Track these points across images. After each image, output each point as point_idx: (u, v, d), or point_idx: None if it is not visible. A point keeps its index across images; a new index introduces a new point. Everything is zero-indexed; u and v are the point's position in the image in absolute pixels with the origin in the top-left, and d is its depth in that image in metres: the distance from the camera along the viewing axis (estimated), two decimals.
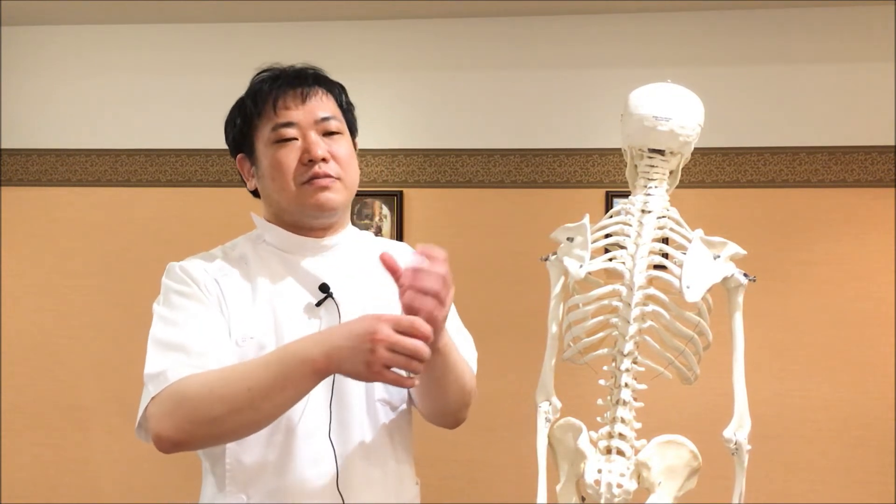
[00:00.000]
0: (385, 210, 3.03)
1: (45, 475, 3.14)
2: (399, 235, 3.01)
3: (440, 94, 3.04)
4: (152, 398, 1.14)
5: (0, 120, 3.21)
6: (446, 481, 2.99)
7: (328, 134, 1.31)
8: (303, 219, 1.32)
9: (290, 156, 1.28)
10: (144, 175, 3.16)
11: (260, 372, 1.10)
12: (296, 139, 1.28)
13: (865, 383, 2.83)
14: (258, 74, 1.36)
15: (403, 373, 1.08)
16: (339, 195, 1.31)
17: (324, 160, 1.28)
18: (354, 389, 1.27)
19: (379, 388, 1.30)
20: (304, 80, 1.34)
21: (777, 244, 2.87)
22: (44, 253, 3.18)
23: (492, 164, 3.02)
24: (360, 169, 3.45)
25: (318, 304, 1.28)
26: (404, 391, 1.34)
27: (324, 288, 1.28)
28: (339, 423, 1.25)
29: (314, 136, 1.29)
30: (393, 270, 1.12)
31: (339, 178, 1.30)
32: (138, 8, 2.96)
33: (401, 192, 3.03)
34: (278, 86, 1.31)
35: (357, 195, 3.31)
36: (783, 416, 2.85)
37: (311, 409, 1.23)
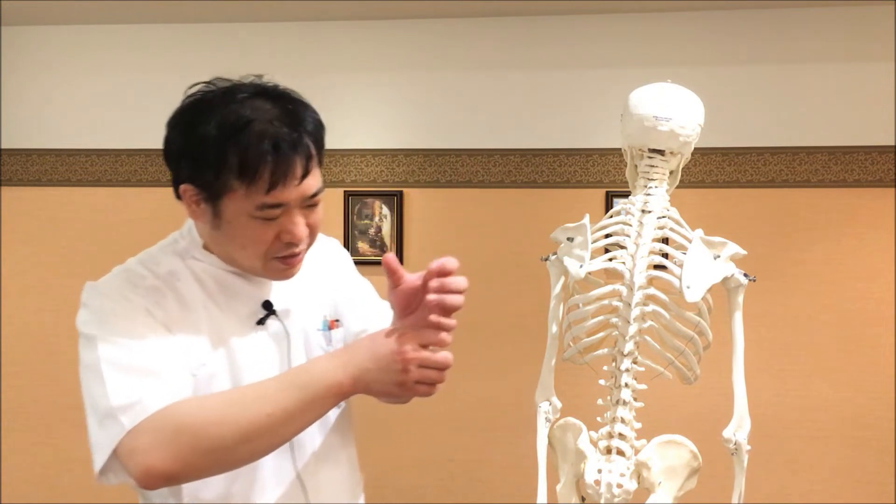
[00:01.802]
0: (385, 210, 3.03)
1: (45, 475, 3.14)
2: (399, 235, 3.01)
3: (440, 94, 3.05)
4: (128, 432, 1.02)
5: (0, 120, 3.21)
6: (446, 481, 2.99)
7: (309, 206, 1.16)
8: (255, 277, 1.22)
9: (270, 233, 1.13)
10: (144, 175, 3.16)
11: (278, 396, 1.04)
12: (278, 217, 1.12)
13: (865, 383, 2.83)
14: (243, 110, 1.10)
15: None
16: (298, 268, 1.20)
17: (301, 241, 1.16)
18: None
19: None
20: (306, 148, 1.12)
21: (777, 244, 2.87)
22: (44, 253, 3.18)
23: (492, 164, 3.02)
24: (360, 169, 3.47)
25: (261, 322, 1.21)
26: None
27: (266, 305, 1.22)
28: (298, 439, 1.19)
29: (297, 216, 1.14)
30: (393, 272, 1.09)
31: (307, 247, 1.19)
32: (138, 8, 2.96)
33: (401, 192, 3.03)
34: (280, 159, 1.08)
35: (357, 195, 3.33)
36: (783, 416, 2.85)
37: None
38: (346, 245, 3.02)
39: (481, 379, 2.97)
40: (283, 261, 1.17)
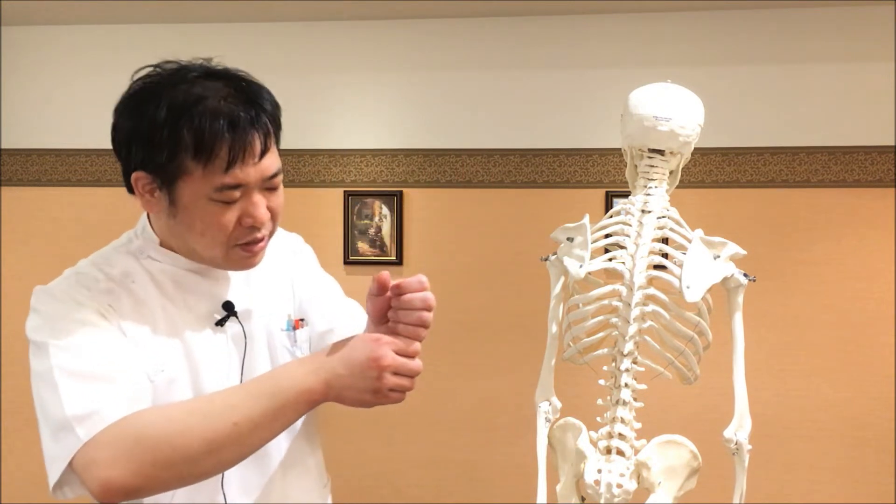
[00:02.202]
0: (385, 210, 3.03)
1: (45, 475, 3.14)
2: (399, 235, 3.01)
3: (440, 94, 3.05)
4: (85, 444, 0.97)
5: (0, 120, 3.21)
6: (446, 481, 2.99)
7: (269, 189, 1.12)
8: (217, 268, 1.17)
9: (230, 216, 1.08)
10: None
11: (246, 404, 0.98)
12: (237, 200, 1.08)
13: (865, 383, 2.84)
14: (195, 92, 1.07)
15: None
16: (261, 256, 1.16)
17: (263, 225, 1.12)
18: None
19: None
20: (262, 125, 1.08)
21: (777, 244, 2.87)
22: (44, 253, 3.18)
23: (492, 164, 3.02)
24: (360, 169, 3.47)
25: (220, 323, 1.17)
26: None
27: (227, 306, 1.18)
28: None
29: (258, 198, 1.09)
30: (383, 286, 1.06)
31: (268, 234, 1.15)
32: (138, 8, 2.96)
33: (401, 192, 3.03)
34: (238, 136, 1.04)
35: (357, 195, 3.33)
36: (783, 416, 2.85)
37: None
38: (346, 245, 3.02)
39: (481, 379, 2.97)
40: (245, 248, 1.12)
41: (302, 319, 1.29)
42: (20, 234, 3.20)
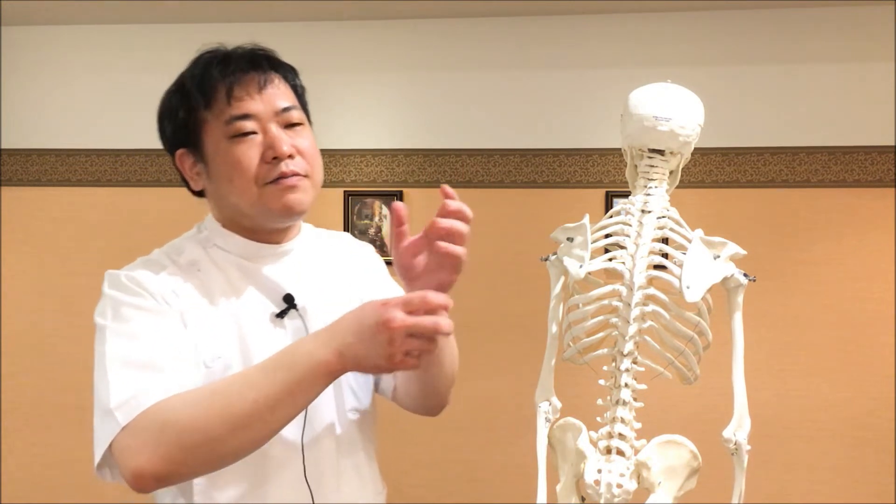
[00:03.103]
0: (385, 210, 3.03)
1: (45, 475, 3.14)
2: None
3: (440, 94, 3.05)
4: (123, 428, 0.99)
5: (0, 120, 3.21)
6: (446, 481, 2.99)
7: (289, 126, 1.16)
8: (266, 223, 1.19)
9: (251, 153, 1.12)
10: (144, 175, 3.16)
11: (264, 381, 0.98)
12: (255, 133, 1.13)
13: (865, 383, 2.83)
14: (199, 57, 1.18)
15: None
16: (307, 195, 1.17)
17: (290, 157, 1.14)
18: (325, 409, 1.20)
19: (350, 398, 1.24)
20: (259, 64, 1.16)
21: (777, 244, 2.87)
22: (44, 253, 3.18)
23: (492, 164, 3.02)
24: (360, 169, 3.46)
25: (280, 315, 1.18)
26: (370, 391, 1.31)
27: (288, 299, 1.19)
28: (311, 447, 1.18)
29: (276, 130, 1.14)
30: (399, 218, 1.06)
31: (306, 176, 1.16)
32: (138, 8, 2.96)
33: (401, 192, 3.03)
34: (231, 71, 1.13)
35: (357, 195, 3.33)
36: (783, 416, 2.85)
37: (282, 437, 1.12)
38: None
39: (481, 379, 2.97)
40: (277, 183, 1.13)
41: None
42: (20, 234, 3.20)
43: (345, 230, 3.03)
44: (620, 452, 1.30)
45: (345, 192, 3.03)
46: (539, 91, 3.00)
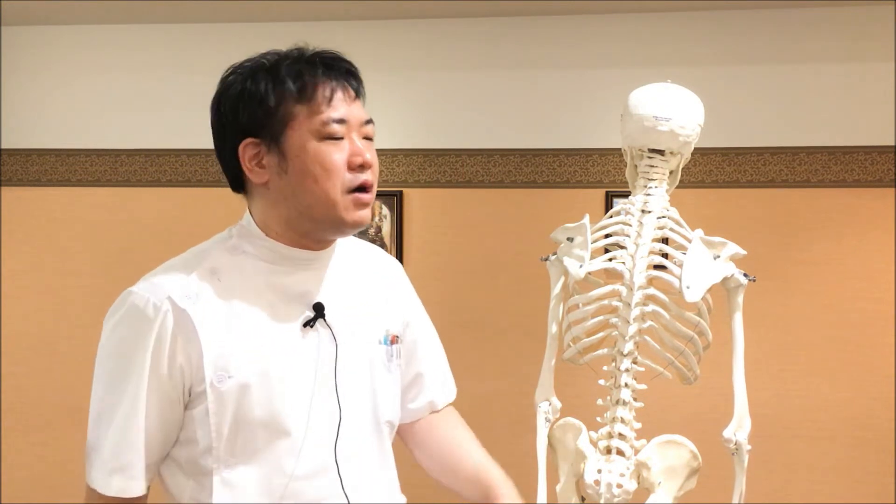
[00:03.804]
0: (385, 210, 3.03)
1: (45, 475, 3.14)
2: (399, 235, 3.01)
3: (440, 94, 3.04)
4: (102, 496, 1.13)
5: (0, 120, 3.21)
6: None
7: (365, 139, 1.18)
8: (327, 231, 1.18)
9: (341, 156, 1.13)
10: (144, 175, 3.16)
11: None
12: (343, 139, 1.14)
13: (865, 383, 2.83)
14: (291, 51, 1.18)
15: None
16: (370, 213, 1.18)
17: (370, 167, 1.16)
18: (362, 420, 1.22)
19: (386, 410, 1.27)
20: (354, 74, 1.21)
21: (777, 244, 2.87)
22: (44, 253, 3.18)
23: (492, 164, 3.02)
24: None
25: (308, 323, 1.16)
26: (399, 406, 1.34)
27: (317, 307, 1.17)
28: (346, 458, 1.18)
29: (359, 140, 1.16)
30: None
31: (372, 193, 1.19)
32: (138, 8, 2.96)
33: (401, 192, 3.03)
34: (333, 74, 1.16)
35: None
36: (783, 416, 2.85)
37: (311, 451, 1.14)
38: None
39: (481, 379, 2.97)
40: (357, 197, 1.14)
41: (398, 336, 1.30)
42: (20, 234, 3.20)
43: None
44: (620, 452, 1.30)
45: None
46: (539, 91, 3.00)
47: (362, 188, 1.14)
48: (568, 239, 1.43)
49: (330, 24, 3.07)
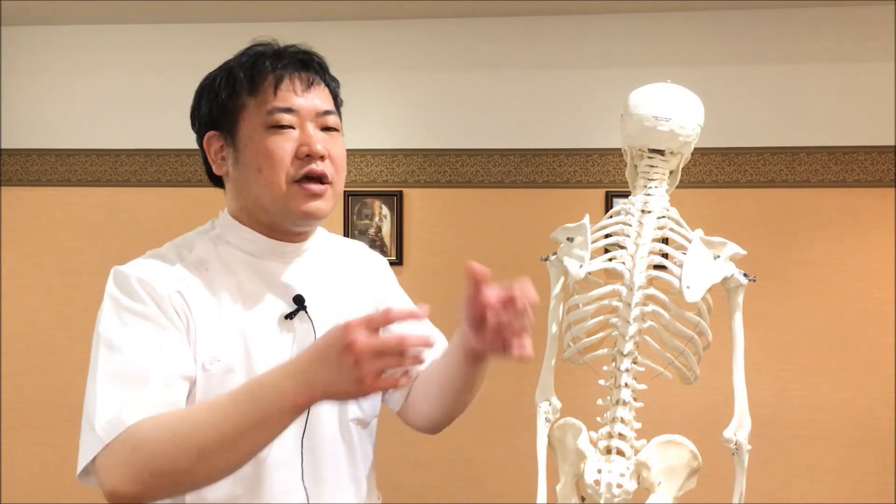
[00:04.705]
0: (385, 210, 3.03)
1: (45, 475, 3.14)
2: (399, 235, 3.01)
3: (440, 94, 3.04)
4: (105, 446, 0.99)
5: (0, 120, 3.21)
6: (446, 481, 2.99)
7: (325, 130, 1.17)
8: (283, 222, 1.18)
9: (286, 146, 1.13)
10: (144, 175, 3.16)
11: (231, 413, 0.96)
12: (292, 128, 1.14)
13: (865, 383, 2.83)
14: (250, 47, 1.20)
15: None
16: (328, 204, 1.17)
17: (321, 157, 1.14)
18: (327, 416, 1.19)
19: (353, 408, 1.23)
20: (309, 65, 1.18)
21: (777, 244, 2.87)
22: (44, 253, 3.18)
23: (492, 164, 3.02)
24: (360, 169, 3.47)
25: (289, 316, 1.16)
26: (378, 406, 1.31)
27: (298, 300, 1.17)
28: (311, 451, 1.17)
29: (313, 129, 1.15)
30: (478, 280, 1.07)
31: (330, 184, 1.16)
32: (138, 8, 2.96)
33: (401, 192, 3.03)
34: (283, 65, 1.16)
35: (357, 195, 3.33)
36: (783, 416, 2.85)
37: (282, 440, 1.06)
38: None
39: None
40: (303, 186, 1.13)
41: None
42: (20, 234, 3.20)
43: (345, 230, 3.03)
44: (620, 452, 1.30)
45: (345, 192, 3.03)
46: (539, 91, 3.00)
47: (312, 178, 1.14)
48: (568, 239, 1.43)
49: (330, 25, 3.07)
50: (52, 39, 3.20)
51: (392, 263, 3.07)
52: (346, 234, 3.02)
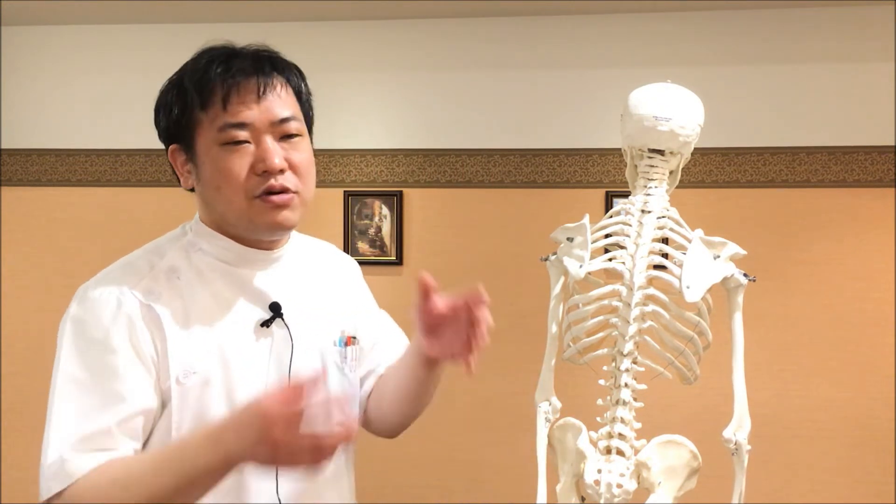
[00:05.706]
0: (385, 210, 3.03)
1: None
2: (399, 235, 3.01)
3: (440, 94, 3.04)
4: (56, 494, 1.00)
5: (0, 120, 3.21)
6: (446, 481, 2.99)
7: (286, 137, 1.12)
8: (251, 235, 1.15)
9: (241, 162, 1.08)
10: (144, 175, 3.16)
11: (159, 480, 0.97)
12: (248, 143, 1.09)
13: (865, 383, 2.83)
14: (202, 53, 1.13)
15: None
16: (296, 212, 1.13)
17: (280, 171, 1.09)
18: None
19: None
20: (261, 68, 1.11)
21: (777, 244, 2.87)
22: (44, 253, 3.18)
23: (492, 164, 3.02)
24: (360, 169, 3.46)
25: (266, 323, 1.14)
26: (358, 407, 1.31)
27: (274, 307, 1.15)
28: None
29: (270, 142, 1.09)
30: (427, 291, 1.10)
31: (296, 192, 1.12)
32: (138, 8, 2.96)
33: (401, 192, 3.03)
34: (231, 75, 1.09)
35: (357, 195, 3.33)
36: (783, 416, 2.85)
37: None
38: (346, 245, 3.03)
39: (481, 379, 2.97)
40: (266, 200, 1.09)
41: (354, 337, 1.27)
42: (20, 234, 3.20)
43: (345, 230, 3.03)
44: (620, 452, 1.30)
45: (345, 192, 3.03)
46: (539, 91, 3.00)
47: (273, 191, 1.10)
48: (568, 239, 1.43)
49: (330, 25, 3.07)
50: (52, 39, 3.20)
51: (392, 263, 3.09)
52: (346, 234, 3.02)
